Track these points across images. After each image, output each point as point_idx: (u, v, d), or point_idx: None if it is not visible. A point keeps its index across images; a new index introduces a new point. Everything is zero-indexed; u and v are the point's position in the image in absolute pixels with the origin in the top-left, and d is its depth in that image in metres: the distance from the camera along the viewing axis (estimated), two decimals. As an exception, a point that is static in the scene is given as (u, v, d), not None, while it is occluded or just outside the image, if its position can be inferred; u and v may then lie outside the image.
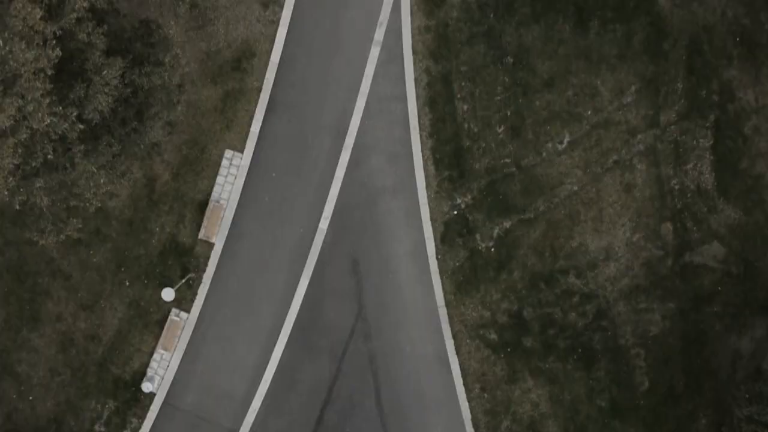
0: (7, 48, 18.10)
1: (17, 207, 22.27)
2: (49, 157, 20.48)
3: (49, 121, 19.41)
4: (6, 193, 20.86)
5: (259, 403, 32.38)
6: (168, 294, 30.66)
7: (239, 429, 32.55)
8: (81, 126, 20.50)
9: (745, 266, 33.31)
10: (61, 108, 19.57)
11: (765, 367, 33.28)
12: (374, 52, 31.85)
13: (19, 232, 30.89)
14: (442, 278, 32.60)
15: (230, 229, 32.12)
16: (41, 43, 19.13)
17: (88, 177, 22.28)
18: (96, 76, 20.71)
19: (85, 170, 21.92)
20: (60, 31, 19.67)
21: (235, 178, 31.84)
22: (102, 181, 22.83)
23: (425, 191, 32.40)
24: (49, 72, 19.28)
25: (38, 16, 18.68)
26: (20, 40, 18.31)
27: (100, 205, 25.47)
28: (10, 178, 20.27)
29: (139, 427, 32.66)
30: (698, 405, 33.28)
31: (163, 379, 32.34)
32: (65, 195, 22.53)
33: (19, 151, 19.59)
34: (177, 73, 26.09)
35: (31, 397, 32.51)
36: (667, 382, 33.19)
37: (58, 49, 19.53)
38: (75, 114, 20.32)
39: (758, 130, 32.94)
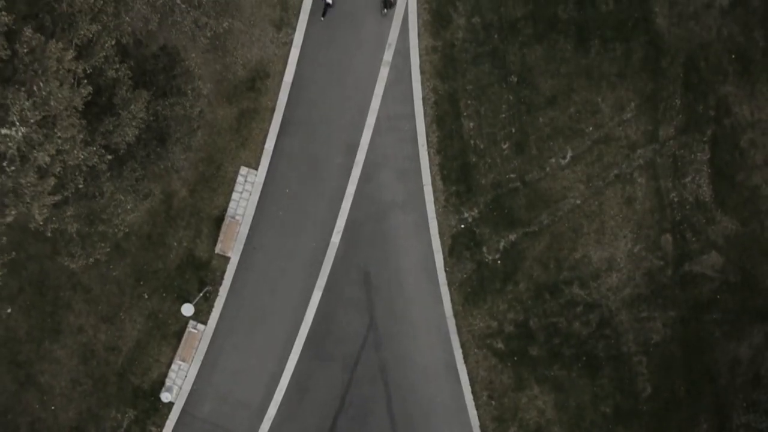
0: (47, 90, 18.77)
1: (49, 234, 22.81)
2: (79, 186, 21.13)
3: (82, 156, 20.12)
4: (41, 222, 21.46)
5: (275, 411, 32.77)
6: (188, 309, 31.09)
7: (255, 437, 33.05)
8: (110, 157, 21.18)
9: (743, 275, 33.80)
10: (93, 145, 20.22)
11: (763, 373, 33.77)
12: (383, 72, 32.35)
13: (41, 247, 31.42)
14: (450, 290, 33.00)
15: (245, 243, 32.47)
16: (72, 82, 19.77)
17: (116, 204, 22.90)
18: (124, 111, 21.39)
19: (113, 198, 22.54)
20: (90, 69, 20.35)
21: (250, 194, 32.27)
22: (129, 207, 23.40)
23: (433, 206, 32.81)
24: (80, 108, 19.91)
25: (70, 57, 19.35)
26: (56, 80, 19.00)
27: (127, 230, 25.82)
28: (44, 209, 20.93)
29: (158, 436, 33.17)
30: (699, 410, 33.72)
31: (181, 388, 32.77)
32: (94, 221, 23.05)
33: (53, 183, 20.27)
34: (198, 102, 26.44)
35: (53, 407, 32.88)
36: (668, 388, 33.64)
37: (89, 86, 20.18)
38: (103, 144, 20.92)
39: (754, 144, 33.49)
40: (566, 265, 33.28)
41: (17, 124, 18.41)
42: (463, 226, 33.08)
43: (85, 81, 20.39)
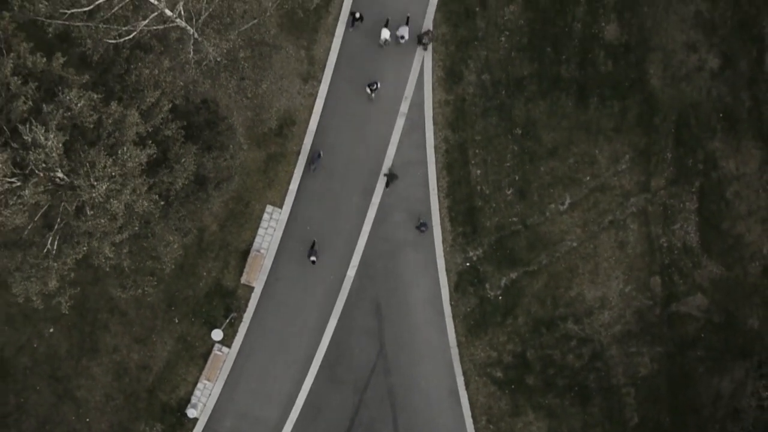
0: (128, 154, 21.46)
1: (107, 269, 25.19)
2: (135, 229, 23.65)
3: (145, 204, 22.68)
4: (103, 260, 23.98)
5: (290, 429, 33.94)
6: (217, 334, 32.59)
7: (271, 452, 34.09)
8: (162, 203, 23.66)
9: (726, 316, 35.02)
10: (151, 194, 22.75)
11: (743, 407, 34.92)
12: (400, 123, 33.86)
13: (83, 274, 32.64)
14: (454, 322, 34.25)
15: (269, 274, 33.75)
16: (139, 142, 22.41)
17: (165, 244, 25.35)
18: (177, 165, 23.82)
19: (163, 238, 24.97)
20: (150, 129, 22.93)
21: (275, 230, 33.67)
22: (175, 246, 25.80)
23: (441, 245, 34.10)
24: (144, 164, 22.56)
25: (137, 120, 21.99)
26: (132, 144, 21.65)
27: (174, 266, 27.82)
28: (112, 247, 23.49)
29: (183, 448, 34.24)
30: (683, 440, 34.72)
31: (205, 405, 34.07)
32: (144, 257, 25.47)
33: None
34: (239, 155, 28.39)
35: (88, 419, 34.14)
36: (654, 419, 34.75)
37: (153, 146, 22.74)
38: (157, 192, 23.40)
39: (739, 195, 34.85)
40: (562, 302, 34.57)
41: (95, 180, 20.90)
42: (468, 264, 34.43)
43: (150, 141, 22.88)
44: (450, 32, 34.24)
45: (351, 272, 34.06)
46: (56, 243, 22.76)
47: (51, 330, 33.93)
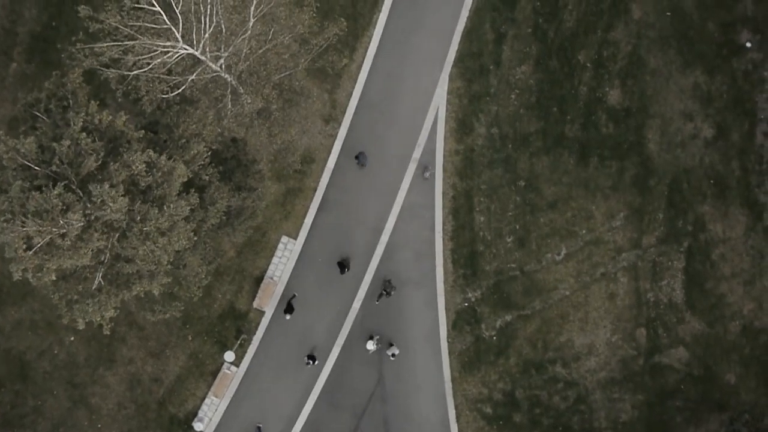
0: (174, 208, 23.40)
1: (142, 296, 26.99)
2: (170, 261, 25.48)
3: (185, 244, 24.70)
4: (156, 292, 25.92)
5: None
6: (230, 356, 33.71)
7: (269, 469, 34.78)
8: (195, 238, 25.68)
9: (705, 370, 35.57)
10: (191, 233, 24.76)
11: None
12: (411, 168, 35.00)
13: None
14: (450, 358, 35.00)
15: (279, 301, 34.76)
16: (182, 190, 24.31)
17: (195, 274, 27.33)
18: (212, 207, 25.82)
19: (193, 269, 26.95)
20: (191, 175, 24.90)
21: (288, 259, 34.71)
22: (203, 276, 27.80)
23: (443, 284, 34.99)
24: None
25: (184, 172, 23.82)
26: (176, 197, 23.63)
27: (201, 294, 29.62)
28: (161, 286, 25.44)
29: (187, 459, 34.97)
30: (657, 484, 34.96)
31: (211, 420, 34.89)
32: (174, 285, 27.38)
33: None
34: (265, 197, 30.20)
35: (99, 425, 34.92)
36: None
37: (195, 195, 24.34)
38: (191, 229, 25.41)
39: (724, 258, 35.58)
40: (552, 346, 35.27)
41: (146, 239, 22.94)
42: (466, 304, 35.28)
43: (192, 189, 24.41)
44: (464, 87, 35.58)
45: (356, 305, 34.98)
46: (104, 279, 24.54)
47: (72, 338, 34.83)
